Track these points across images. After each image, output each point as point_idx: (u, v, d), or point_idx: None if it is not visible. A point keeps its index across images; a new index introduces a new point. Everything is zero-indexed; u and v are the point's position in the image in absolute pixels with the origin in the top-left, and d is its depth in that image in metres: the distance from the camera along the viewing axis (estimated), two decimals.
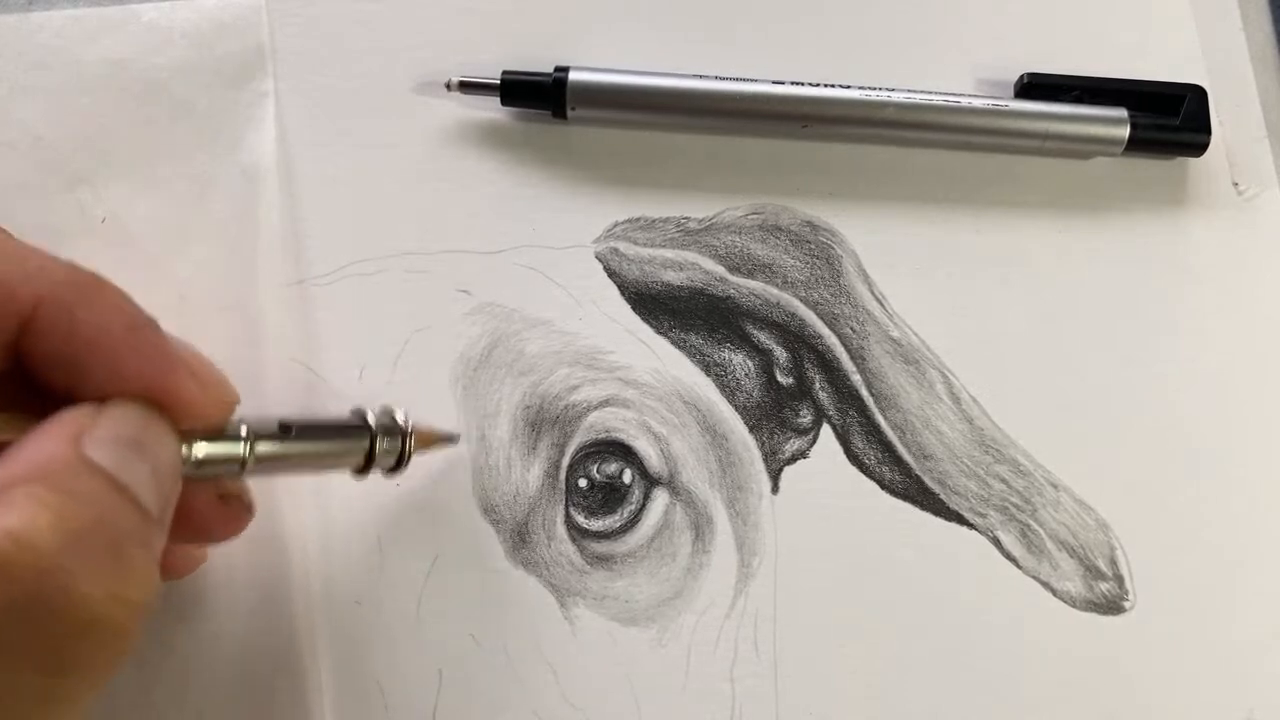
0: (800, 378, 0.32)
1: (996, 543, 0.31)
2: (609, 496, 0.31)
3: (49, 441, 0.18)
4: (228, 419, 0.22)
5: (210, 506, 0.24)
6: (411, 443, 0.27)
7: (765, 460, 0.31)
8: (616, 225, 0.33)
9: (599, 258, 0.32)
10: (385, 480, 0.27)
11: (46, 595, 0.17)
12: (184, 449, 0.21)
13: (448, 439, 0.30)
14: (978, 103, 0.33)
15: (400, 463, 0.27)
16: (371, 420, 0.26)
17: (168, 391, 0.20)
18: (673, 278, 0.32)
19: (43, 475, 0.18)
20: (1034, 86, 0.34)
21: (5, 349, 0.20)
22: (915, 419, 0.32)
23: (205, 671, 0.28)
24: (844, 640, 0.30)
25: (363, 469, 0.26)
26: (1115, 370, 0.33)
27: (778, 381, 0.32)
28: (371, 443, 0.25)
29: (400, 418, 0.27)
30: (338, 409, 0.27)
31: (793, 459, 0.31)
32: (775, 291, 0.32)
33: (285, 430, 0.23)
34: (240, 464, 0.22)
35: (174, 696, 0.28)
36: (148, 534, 0.19)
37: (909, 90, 0.33)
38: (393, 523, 0.30)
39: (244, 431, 0.22)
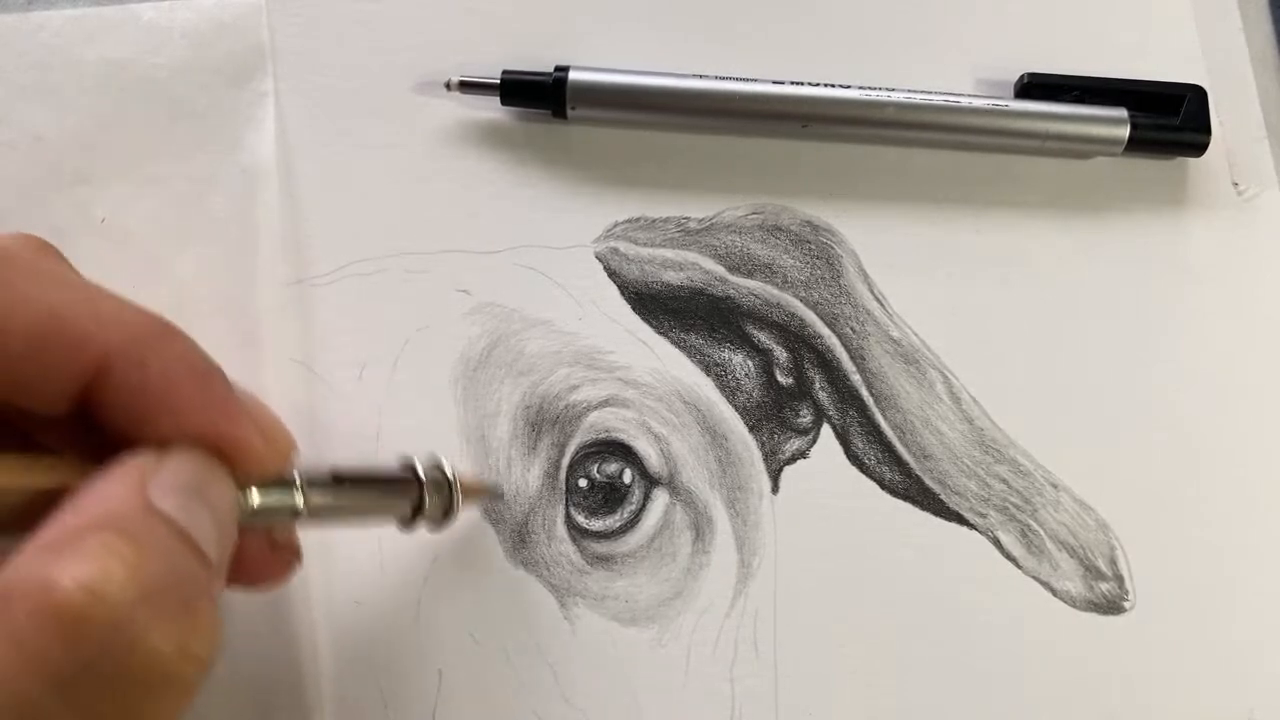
0: (800, 378, 0.32)
1: (996, 543, 0.31)
2: (609, 496, 0.31)
3: (115, 488, 0.18)
4: (285, 467, 0.22)
5: (260, 552, 0.24)
6: (459, 495, 0.26)
7: (765, 460, 0.31)
8: (616, 225, 0.33)
9: (599, 258, 0.32)
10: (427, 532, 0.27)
11: (119, 649, 0.16)
12: (241, 497, 0.21)
13: (494, 492, 0.30)
14: (978, 103, 0.33)
15: (446, 516, 0.27)
16: (421, 473, 0.26)
17: (231, 440, 0.20)
18: (673, 278, 0.32)
19: (113, 523, 0.17)
20: (1034, 86, 0.34)
21: (73, 395, 0.20)
22: (915, 419, 0.32)
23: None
24: (844, 640, 0.30)
25: (409, 521, 0.26)
26: (1115, 370, 0.33)
27: (778, 381, 0.32)
28: (420, 495, 0.26)
29: (448, 470, 0.26)
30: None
31: (793, 459, 0.31)
32: (775, 291, 0.32)
33: (338, 481, 0.23)
34: (293, 513, 0.22)
35: None
36: (210, 585, 0.19)
37: (909, 90, 0.33)
38: None
39: (299, 481, 0.22)
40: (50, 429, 0.21)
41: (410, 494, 0.26)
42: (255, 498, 0.21)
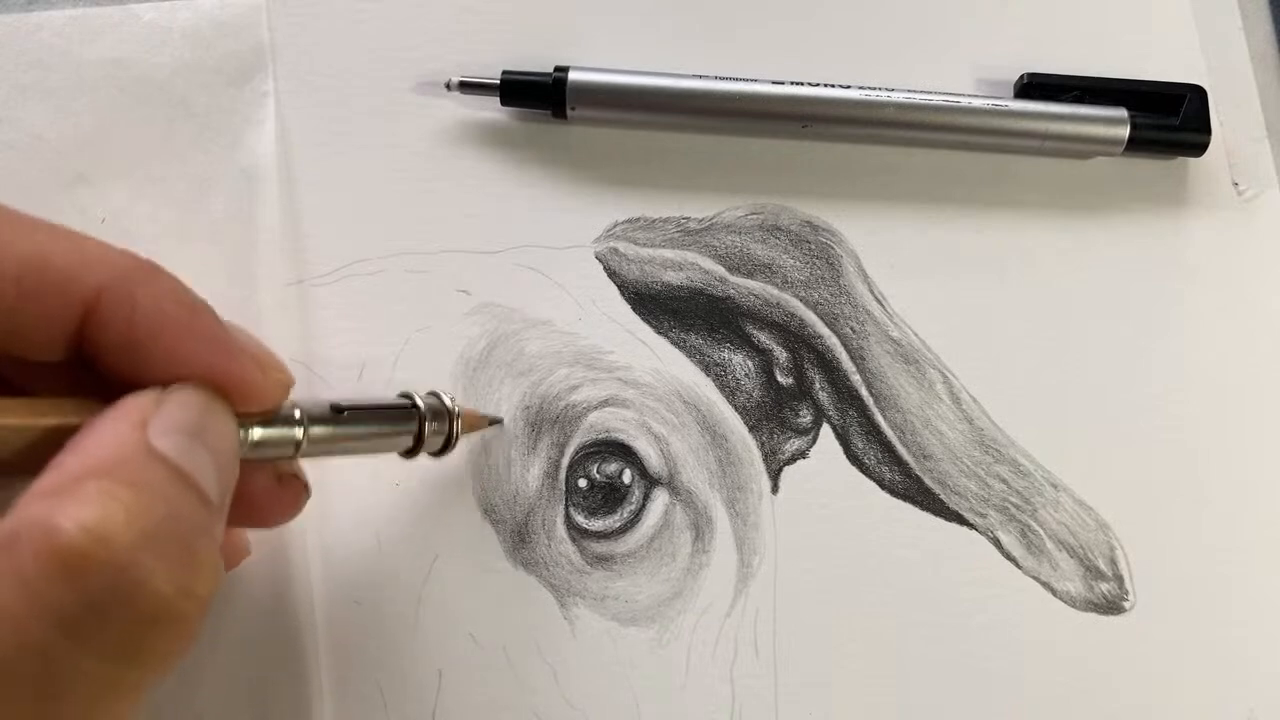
0: (800, 378, 0.32)
1: (996, 543, 0.31)
2: (609, 496, 0.31)
3: (115, 430, 0.19)
4: (284, 402, 0.22)
5: (268, 489, 0.24)
6: (459, 425, 0.27)
7: (765, 460, 0.31)
8: (616, 225, 0.33)
9: (599, 258, 0.32)
10: (430, 461, 0.28)
11: (121, 589, 0.17)
12: (241, 432, 0.21)
13: (493, 421, 0.30)
14: (978, 103, 0.33)
15: (447, 445, 0.27)
16: (420, 403, 0.26)
17: (229, 375, 0.21)
18: (673, 278, 0.32)
19: (113, 467, 0.18)
20: (1034, 86, 0.34)
21: (67, 338, 0.20)
22: (915, 419, 0.32)
23: (206, 672, 0.28)
24: (844, 640, 0.30)
25: (411, 451, 0.26)
26: (1115, 370, 0.33)
27: (778, 381, 0.32)
28: (420, 425, 0.26)
29: (447, 400, 0.27)
30: (385, 392, 0.27)
31: (793, 459, 0.31)
32: (775, 291, 0.32)
33: (337, 413, 0.23)
34: (295, 446, 0.22)
35: (174, 697, 0.28)
36: (211, 524, 0.19)
37: (909, 90, 0.33)
38: (393, 523, 0.30)
39: (298, 414, 0.22)
40: (47, 378, 0.21)
41: (410, 424, 0.26)
42: (256, 432, 0.21)
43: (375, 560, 0.29)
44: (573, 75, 0.32)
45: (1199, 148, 0.34)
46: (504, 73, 0.32)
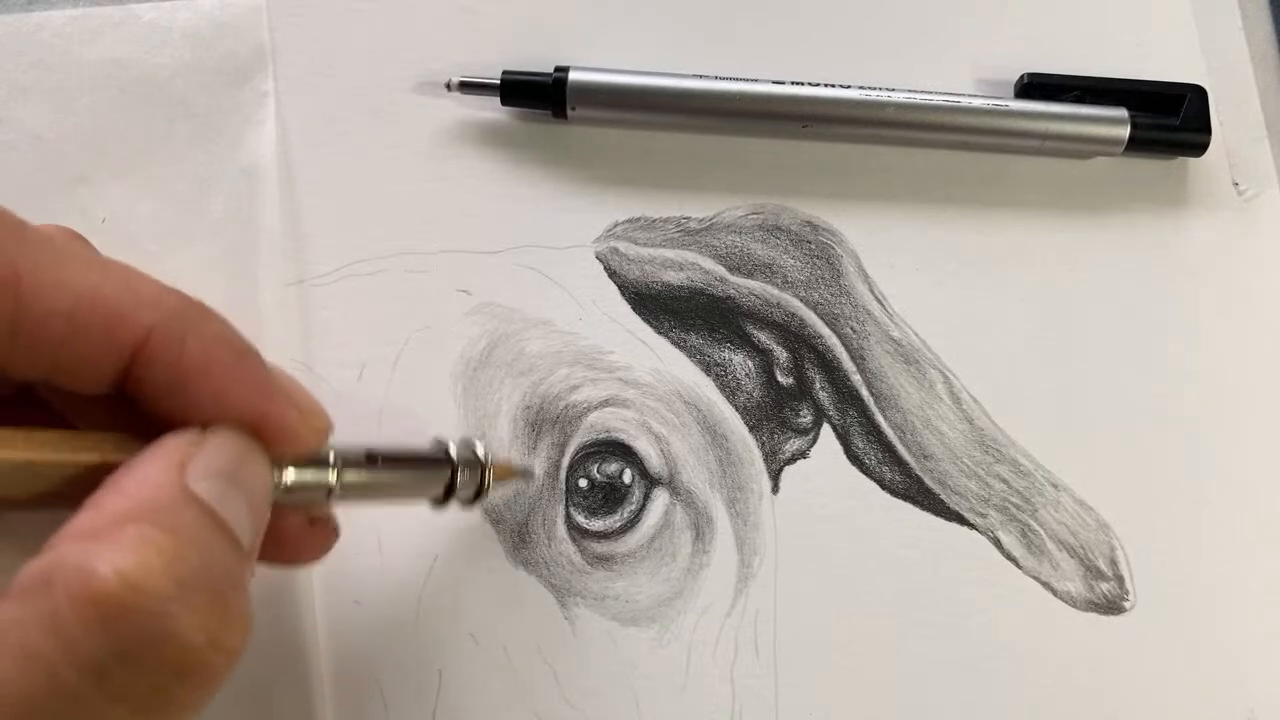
0: (800, 378, 0.32)
1: (997, 543, 0.31)
2: (609, 496, 0.31)
3: (154, 470, 0.19)
4: (322, 446, 0.22)
5: (298, 529, 0.24)
6: (490, 476, 0.27)
7: (765, 460, 0.31)
8: (616, 225, 0.33)
9: (599, 258, 0.32)
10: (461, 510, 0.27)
11: (153, 639, 0.17)
12: (275, 475, 0.21)
13: (524, 473, 0.30)
14: (978, 103, 0.33)
15: (478, 495, 0.27)
16: (453, 452, 0.26)
17: (268, 418, 0.21)
18: (673, 278, 0.32)
19: (151, 512, 0.18)
20: (1034, 86, 0.34)
21: (114, 373, 0.20)
22: (915, 419, 0.32)
23: None
24: (844, 640, 0.30)
25: (441, 500, 0.26)
26: (1115, 370, 0.33)
27: (778, 381, 0.32)
28: (453, 475, 0.26)
29: (480, 450, 0.27)
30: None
31: (793, 459, 0.31)
32: (775, 291, 0.32)
33: (372, 460, 0.23)
34: (327, 491, 0.22)
35: None
36: (242, 573, 0.19)
37: (909, 90, 0.33)
38: (393, 523, 0.30)
39: (333, 459, 0.22)
40: (88, 410, 0.21)
41: (443, 474, 0.26)
42: (290, 475, 0.21)
43: (375, 560, 0.29)
44: (573, 75, 0.32)
45: (1199, 148, 0.34)
46: (504, 73, 0.32)
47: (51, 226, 0.23)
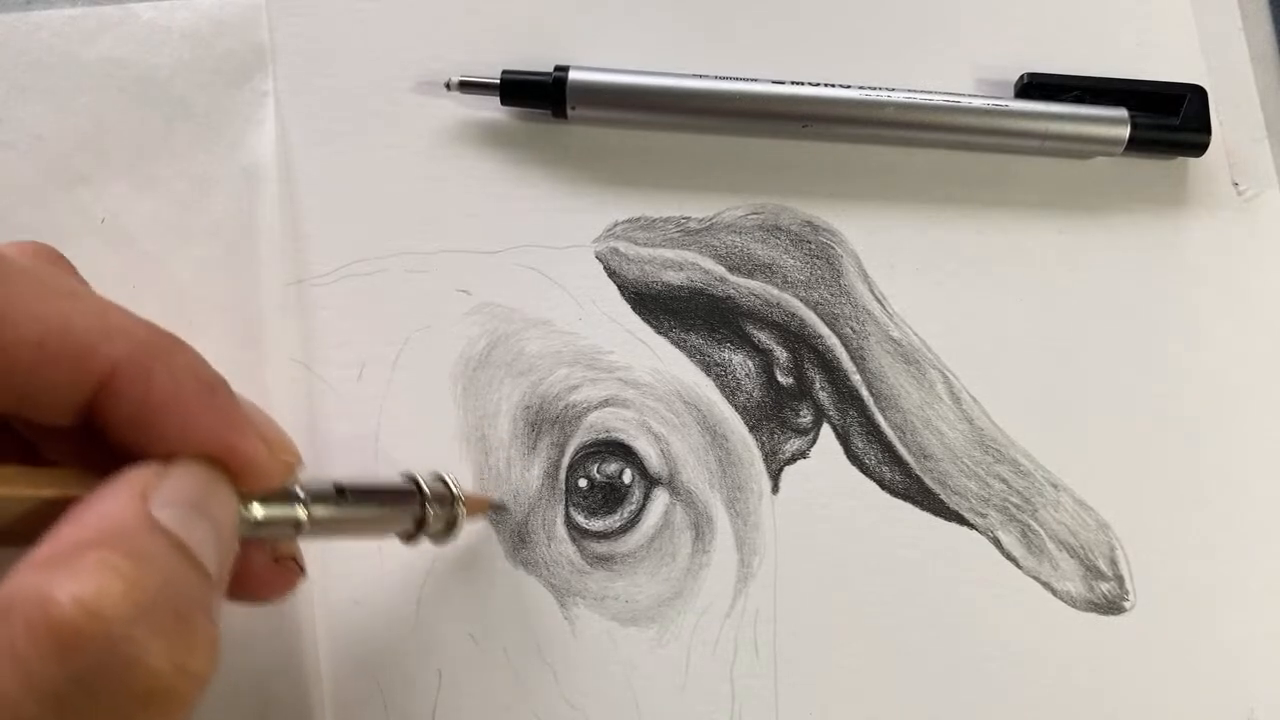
0: (800, 378, 0.32)
1: (996, 543, 0.31)
2: (609, 496, 0.31)
3: (116, 501, 0.18)
4: (290, 480, 0.22)
5: (264, 567, 0.24)
6: (462, 510, 0.26)
7: (765, 460, 0.31)
8: (616, 225, 0.33)
9: (599, 257, 0.32)
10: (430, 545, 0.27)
11: (115, 666, 0.16)
12: (243, 510, 0.21)
13: (497, 507, 0.30)
14: (978, 103, 0.33)
15: (449, 530, 0.27)
16: (424, 486, 0.26)
17: (236, 452, 0.20)
18: (673, 278, 0.32)
19: (112, 539, 0.17)
20: (1034, 86, 0.34)
21: (80, 404, 0.20)
22: (915, 419, 0.32)
23: None
24: (844, 640, 0.30)
25: (411, 535, 0.26)
26: (1115, 370, 0.33)
27: (778, 381, 0.32)
28: (423, 509, 0.25)
29: (451, 484, 0.27)
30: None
31: (793, 459, 0.31)
32: (775, 291, 0.32)
33: (340, 494, 0.23)
34: (296, 526, 0.22)
35: None
36: (209, 600, 0.19)
37: (909, 90, 0.33)
38: None
39: (300, 493, 0.22)
40: (55, 441, 0.21)
41: (413, 507, 0.25)
42: (258, 511, 0.21)
43: (375, 560, 0.29)
44: (573, 75, 0.32)
45: (1199, 148, 0.34)
46: (504, 72, 0.32)
47: (26, 246, 0.23)
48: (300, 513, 0.22)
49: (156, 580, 0.17)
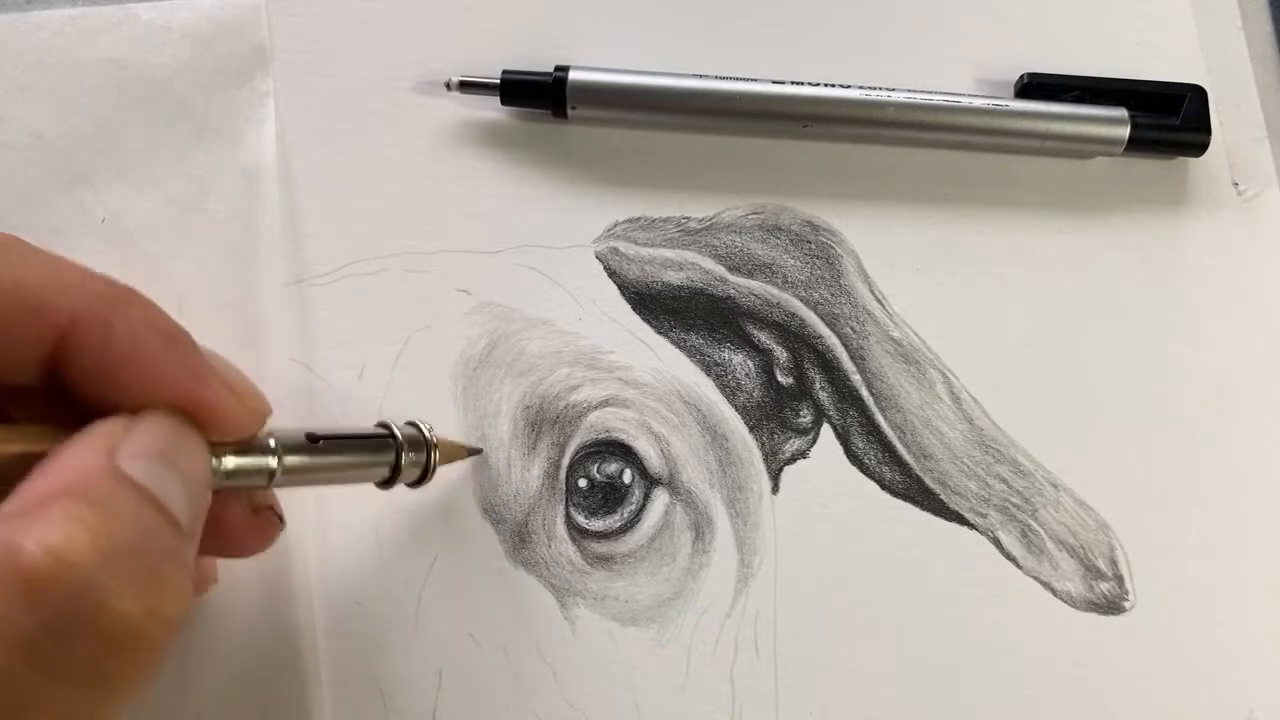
0: (800, 378, 0.32)
1: (996, 543, 0.31)
2: (609, 496, 0.31)
3: (83, 454, 0.18)
4: (260, 430, 0.22)
5: (242, 519, 0.24)
6: (436, 456, 0.27)
7: (765, 460, 0.31)
8: (616, 225, 0.33)
9: (599, 257, 0.32)
10: (408, 492, 0.27)
11: (84, 612, 0.17)
12: (214, 460, 0.21)
13: (472, 451, 0.30)
14: (978, 103, 0.33)
15: (425, 475, 0.27)
16: (397, 432, 0.26)
17: (203, 403, 0.20)
18: (673, 277, 0.32)
19: (79, 490, 0.18)
20: (1034, 86, 0.34)
21: (41, 363, 0.20)
22: (915, 419, 0.32)
23: (204, 672, 0.28)
24: (844, 640, 0.30)
25: (388, 481, 0.26)
26: (1115, 370, 0.33)
27: (778, 381, 0.32)
28: (397, 455, 0.26)
29: (425, 431, 0.27)
30: (355, 413, 0.27)
31: (793, 459, 0.31)
32: (775, 291, 0.32)
33: (313, 442, 0.23)
34: (269, 475, 0.22)
35: (173, 697, 0.28)
36: (180, 548, 0.19)
37: (909, 90, 0.33)
38: (392, 523, 0.30)
39: (272, 443, 0.22)
40: (22, 402, 0.21)
41: (387, 454, 0.26)
42: (229, 461, 0.21)
43: (375, 560, 0.29)
44: (573, 75, 0.32)
45: (1199, 148, 0.34)
46: (504, 72, 0.32)
47: None
48: (272, 462, 0.22)
49: (124, 528, 0.17)
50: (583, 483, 0.31)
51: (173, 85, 0.32)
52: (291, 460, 0.22)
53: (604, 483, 0.31)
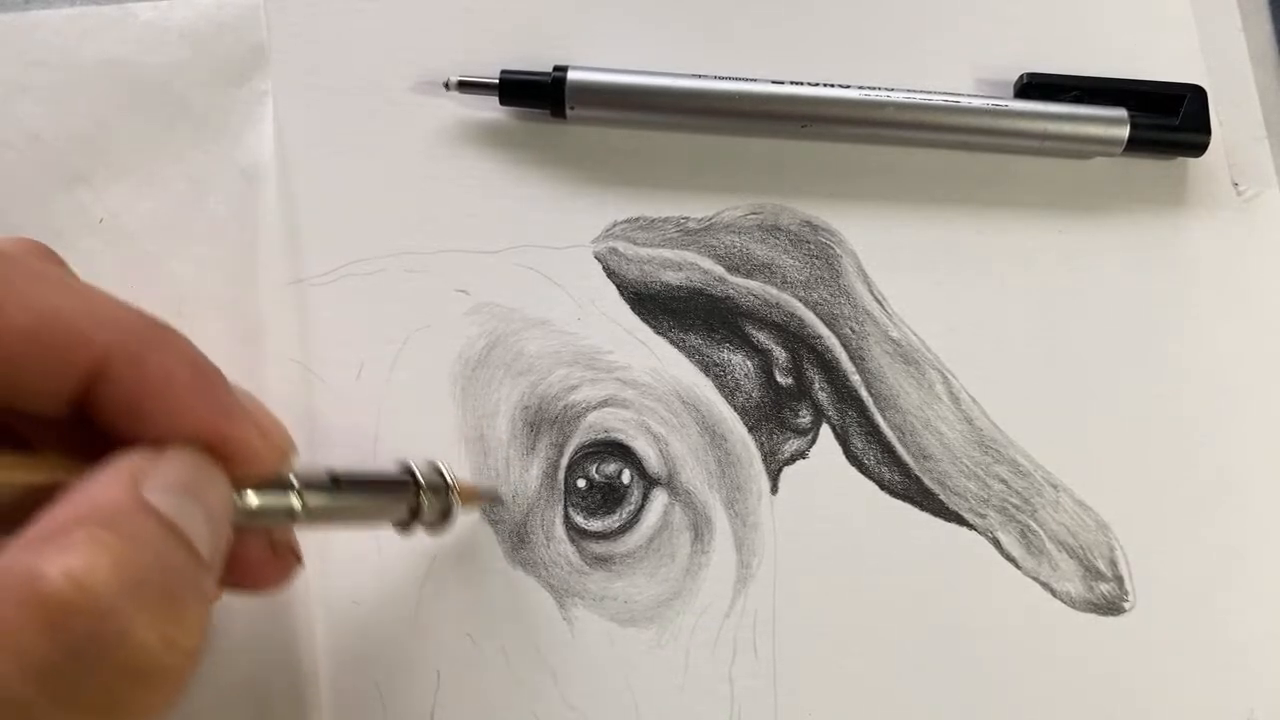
0: (799, 378, 0.32)
1: (996, 543, 0.31)
2: (608, 497, 0.31)
3: (107, 484, 0.18)
4: (284, 468, 0.22)
5: (260, 556, 0.24)
6: (456, 500, 0.27)
7: (764, 460, 0.31)
8: (615, 225, 0.33)
9: (598, 257, 0.32)
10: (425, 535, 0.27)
11: (103, 639, 0.16)
12: (236, 498, 0.21)
13: (492, 496, 0.30)
14: (977, 103, 0.33)
15: (443, 519, 0.27)
16: (419, 476, 0.26)
17: (230, 440, 0.20)
18: (672, 278, 0.32)
19: (102, 518, 0.17)
20: (1033, 86, 0.34)
21: (72, 394, 0.20)
22: (915, 419, 0.32)
23: (203, 671, 0.28)
24: (843, 641, 0.30)
25: (405, 524, 0.26)
26: (1115, 370, 0.33)
27: (777, 382, 0.32)
28: (417, 498, 0.25)
29: (445, 474, 0.27)
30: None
31: (792, 459, 0.31)
32: (774, 291, 0.32)
33: (335, 483, 0.23)
34: (290, 514, 0.22)
35: None
36: (201, 579, 0.19)
37: (909, 90, 0.33)
38: None
39: (295, 483, 0.22)
40: (49, 431, 0.21)
41: (408, 497, 0.26)
42: (252, 499, 0.21)
43: (374, 560, 0.29)
44: (571, 75, 0.32)
45: (1199, 148, 0.34)
46: (503, 72, 0.32)
47: (17, 240, 0.23)
48: (295, 501, 0.22)
49: (145, 557, 0.17)
50: (581, 483, 0.30)
51: (171, 85, 0.32)
52: (314, 500, 0.22)
53: (603, 483, 0.31)
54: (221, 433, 0.20)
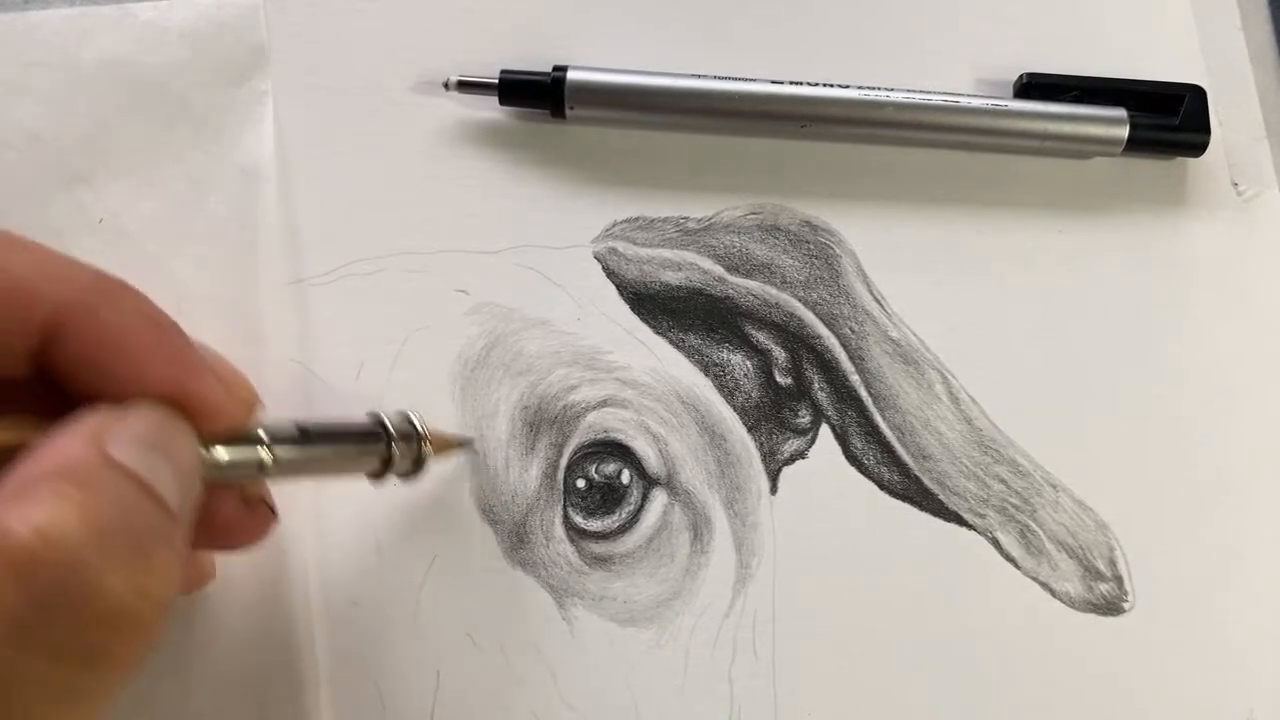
0: (799, 378, 0.32)
1: (996, 543, 0.31)
2: (607, 497, 0.31)
3: (72, 441, 0.19)
4: (248, 421, 0.22)
5: (234, 512, 0.24)
6: (428, 448, 0.27)
7: (764, 460, 0.31)
8: (615, 225, 0.33)
9: (598, 257, 0.32)
10: (406, 491, 0.27)
11: (72, 589, 0.17)
12: (204, 452, 0.21)
13: (463, 444, 0.30)
14: (977, 103, 0.33)
15: (416, 468, 0.27)
16: (388, 423, 0.26)
17: (191, 393, 0.20)
18: (671, 278, 0.32)
19: (67, 472, 0.18)
20: (1033, 86, 0.34)
21: (29, 354, 0.20)
22: (914, 419, 0.32)
23: (203, 672, 0.28)
24: (843, 641, 0.30)
25: (379, 474, 0.26)
26: (1115, 370, 0.33)
27: (776, 382, 0.32)
28: (388, 448, 0.26)
29: (416, 423, 0.27)
30: (352, 413, 0.27)
31: (791, 459, 0.31)
32: (774, 291, 0.32)
33: (303, 434, 0.23)
34: (259, 467, 0.22)
35: (172, 697, 0.28)
36: (170, 530, 0.19)
37: (908, 90, 0.33)
38: (390, 523, 0.30)
39: (263, 435, 0.22)
40: (12, 394, 0.21)
41: (379, 448, 0.26)
42: (220, 453, 0.21)
43: (373, 561, 0.29)
44: (571, 75, 0.32)
45: (1198, 148, 0.34)
46: (502, 72, 0.32)
47: None
48: (263, 453, 0.22)
49: (112, 509, 0.18)
50: (581, 483, 0.30)
51: (171, 85, 0.32)
52: (282, 452, 0.22)
53: (602, 483, 0.31)
54: (184, 387, 0.20)
